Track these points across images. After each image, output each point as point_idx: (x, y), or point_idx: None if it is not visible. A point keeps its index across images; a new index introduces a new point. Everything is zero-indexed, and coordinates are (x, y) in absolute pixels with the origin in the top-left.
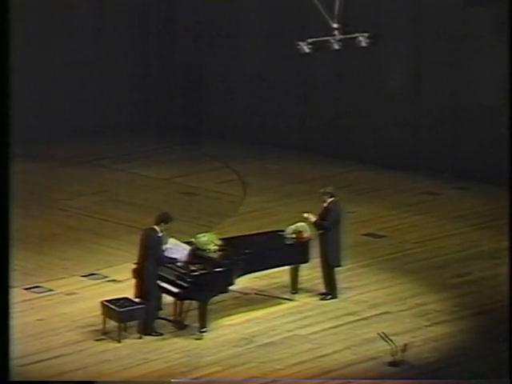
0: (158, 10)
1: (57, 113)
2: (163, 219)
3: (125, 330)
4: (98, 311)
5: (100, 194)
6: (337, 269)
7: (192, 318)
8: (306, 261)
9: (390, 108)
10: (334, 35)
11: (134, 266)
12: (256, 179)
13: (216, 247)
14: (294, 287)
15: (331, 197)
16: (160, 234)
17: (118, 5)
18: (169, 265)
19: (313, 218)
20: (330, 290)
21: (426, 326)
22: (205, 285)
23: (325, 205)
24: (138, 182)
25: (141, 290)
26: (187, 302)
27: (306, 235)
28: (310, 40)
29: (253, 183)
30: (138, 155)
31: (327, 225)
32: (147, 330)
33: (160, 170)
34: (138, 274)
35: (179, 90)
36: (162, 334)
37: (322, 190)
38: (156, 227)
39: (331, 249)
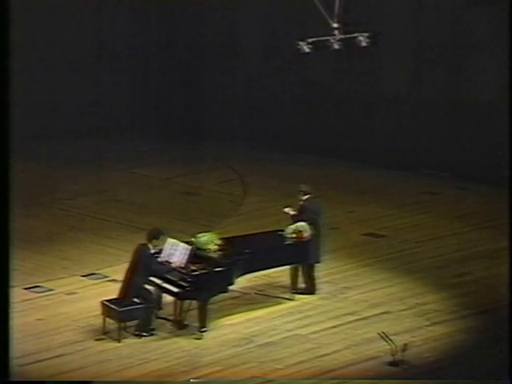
0: (158, 10)
1: (57, 112)
2: (154, 235)
3: (125, 329)
4: (98, 311)
5: (100, 193)
6: (336, 268)
7: (192, 318)
8: (306, 260)
9: (390, 108)
10: (334, 35)
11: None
12: (256, 179)
13: (216, 247)
14: (294, 287)
15: (305, 194)
16: (152, 251)
17: (118, 4)
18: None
19: (292, 212)
20: (310, 287)
21: (426, 325)
22: (205, 284)
23: (300, 203)
24: (138, 181)
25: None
26: (187, 301)
27: (305, 235)
28: (309, 40)
29: (253, 183)
30: (138, 155)
31: (308, 219)
32: (140, 330)
33: (160, 170)
34: (124, 287)
35: (179, 89)
36: (152, 335)
37: (296, 189)
38: (148, 244)
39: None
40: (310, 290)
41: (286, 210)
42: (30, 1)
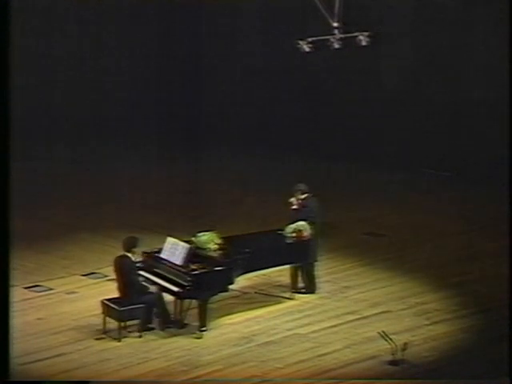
0: (158, 13)
1: (58, 112)
2: (132, 244)
3: (125, 328)
4: (98, 310)
5: (100, 192)
6: (336, 267)
7: (192, 317)
8: (306, 260)
9: (391, 108)
10: (334, 34)
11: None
12: (256, 179)
13: (216, 246)
14: (294, 286)
15: (303, 193)
16: (133, 259)
17: (118, 7)
18: (169, 264)
19: (294, 206)
20: (309, 285)
21: (426, 324)
22: (205, 284)
23: (299, 201)
24: (138, 180)
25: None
26: (187, 300)
27: (305, 234)
28: (310, 39)
29: (253, 183)
30: (139, 154)
31: (308, 217)
32: (142, 328)
33: (161, 170)
34: (122, 289)
35: (180, 89)
36: (153, 329)
37: (294, 189)
38: (128, 254)
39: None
40: (310, 289)
41: (291, 200)
42: (31, 1)
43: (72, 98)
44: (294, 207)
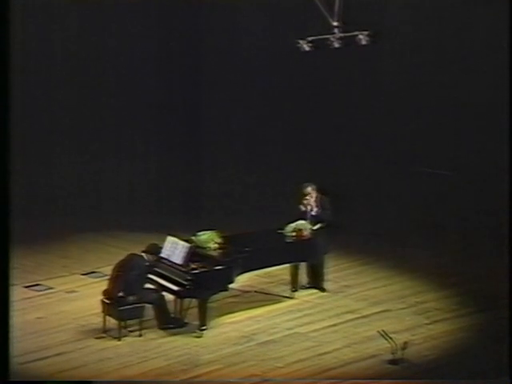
0: (158, 15)
1: (57, 112)
2: (154, 251)
3: (125, 328)
4: (98, 309)
5: (100, 192)
6: (336, 266)
7: (192, 316)
8: (306, 259)
9: (390, 107)
10: (334, 33)
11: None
12: (256, 178)
13: (216, 245)
14: (294, 285)
15: (318, 192)
16: (147, 264)
17: (118, 9)
18: (169, 263)
19: (314, 211)
20: (319, 282)
21: (426, 324)
22: (205, 283)
23: (313, 199)
24: (138, 180)
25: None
26: (187, 299)
27: (305, 233)
28: (309, 38)
29: (253, 182)
30: (139, 154)
31: (327, 216)
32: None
33: (160, 169)
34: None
35: (180, 88)
36: (173, 328)
37: (308, 188)
38: (144, 255)
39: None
40: (320, 286)
41: (306, 200)
42: (31, 1)
43: (72, 97)
44: (314, 212)
